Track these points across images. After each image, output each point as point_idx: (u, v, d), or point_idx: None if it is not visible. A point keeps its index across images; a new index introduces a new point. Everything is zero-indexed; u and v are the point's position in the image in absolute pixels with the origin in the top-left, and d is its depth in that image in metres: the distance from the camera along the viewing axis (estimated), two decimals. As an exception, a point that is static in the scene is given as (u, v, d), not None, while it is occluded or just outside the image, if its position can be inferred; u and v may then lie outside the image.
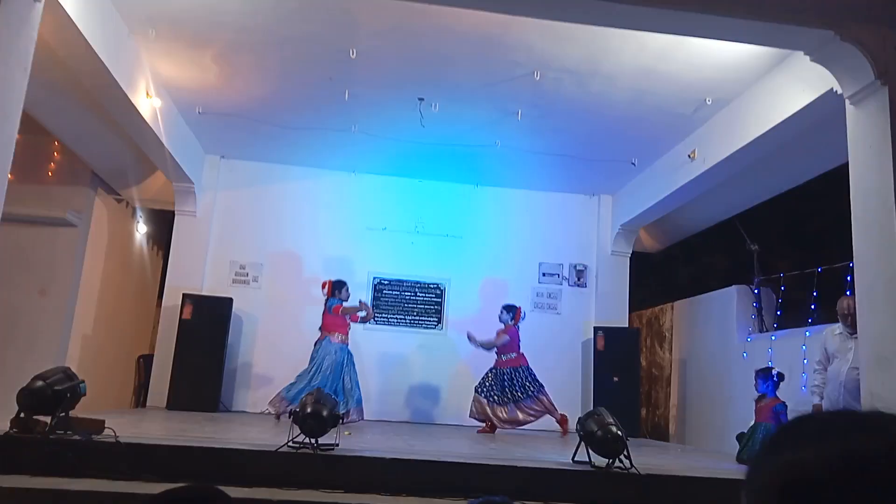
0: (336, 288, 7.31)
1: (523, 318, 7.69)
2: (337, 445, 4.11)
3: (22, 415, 3.81)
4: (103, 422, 4.05)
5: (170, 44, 6.10)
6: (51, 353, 7.68)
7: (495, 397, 7.32)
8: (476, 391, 7.44)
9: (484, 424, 7.41)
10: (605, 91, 6.45)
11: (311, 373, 7.02)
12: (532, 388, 7.31)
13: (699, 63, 5.84)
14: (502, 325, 7.57)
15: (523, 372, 7.41)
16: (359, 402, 7.13)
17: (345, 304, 7.24)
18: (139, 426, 5.44)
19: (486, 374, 7.48)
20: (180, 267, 8.76)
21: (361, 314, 7.36)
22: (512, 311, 7.59)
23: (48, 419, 3.86)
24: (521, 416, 7.33)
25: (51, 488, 3.21)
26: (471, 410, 7.43)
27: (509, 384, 7.32)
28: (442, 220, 9.31)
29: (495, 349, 7.48)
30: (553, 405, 7.43)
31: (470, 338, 7.40)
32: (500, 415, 7.28)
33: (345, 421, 6.44)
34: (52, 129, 7.34)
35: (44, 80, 5.60)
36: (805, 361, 6.20)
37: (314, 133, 7.85)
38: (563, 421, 7.43)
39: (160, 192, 9.24)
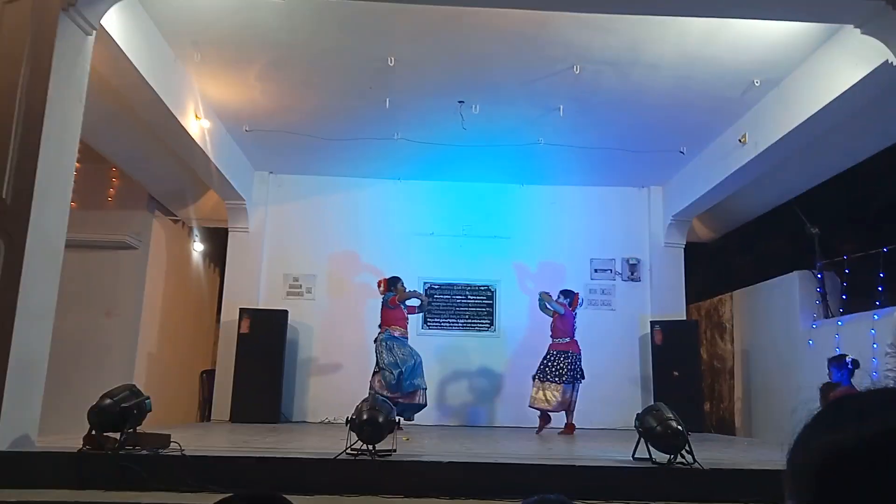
0: (391, 284, 7.42)
1: (581, 305, 7.59)
2: (394, 451, 4.13)
3: (93, 432, 3.95)
4: (169, 436, 4.15)
5: (215, 65, 6.28)
6: (118, 372, 7.93)
7: (543, 376, 7.18)
8: (532, 379, 7.34)
9: (539, 422, 7.30)
10: (647, 80, 6.35)
11: (406, 356, 7.10)
12: (568, 376, 7.13)
13: (744, 44, 5.70)
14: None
15: (571, 357, 7.28)
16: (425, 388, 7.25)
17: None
18: (204, 439, 5.56)
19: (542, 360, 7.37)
20: (236, 282, 8.97)
21: (416, 302, 7.46)
22: (570, 296, 7.50)
23: (117, 435, 3.99)
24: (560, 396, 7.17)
25: (122, 502, 3.32)
26: (530, 399, 7.31)
27: (554, 363, 7.18)
28: (489, 222, 9.31)
29: (551, 332, 7.39)
30: (573, 407, 7.24)
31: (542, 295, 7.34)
32: (552, 395, 7.09)
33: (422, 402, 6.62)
34: (108, 155, 7.62)
35: (99, 108, 5.82)
36: (875, 346, 5.96)
37: (358, 143, 7.95)
38: (570, 428, 7.23)
39: (214, 211, 9.48)
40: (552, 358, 7.21)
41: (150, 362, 8.74)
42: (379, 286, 7.54)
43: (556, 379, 7.10)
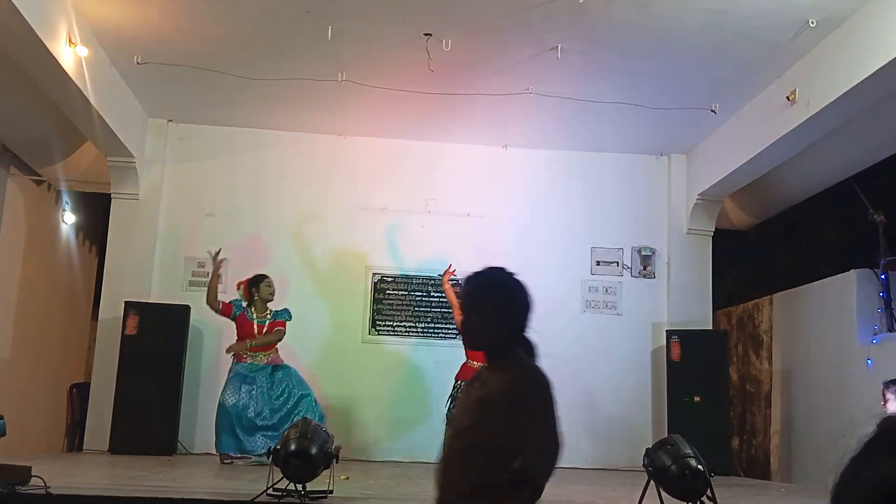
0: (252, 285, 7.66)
1: None
2: (330, 492, 4.15)
3: (-77, 462, 3.89)
4: (30, 469, 4.12)
5: (96, -27, 6.15)
6: (-43, 383, 7.80)
7: None
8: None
9: None
10: (672, 14, 6.40)
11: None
12: None
13: (798, -27, 5.79)
14: None
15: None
16: None
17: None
18: (74, 474, 5.52)
19: (452, 398, 7.43)
20: (121, 267, 8.85)
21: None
22: None
23: (-43, 467, 3.93)
24: None
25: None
26: None
27: None
28: (460, 195, 9.33)
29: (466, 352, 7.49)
30: None
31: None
32: None
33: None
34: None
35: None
36: (951, 368, 6.13)
37: (288, 85, 7.87)
38: None
39: (91, 171, 9.32)
40: None
41: (2, 372, 8.59)
42: (238, 288, 7.74)
43: None
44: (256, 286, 7.61)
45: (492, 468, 2.11)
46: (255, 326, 7.52)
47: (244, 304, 7.61)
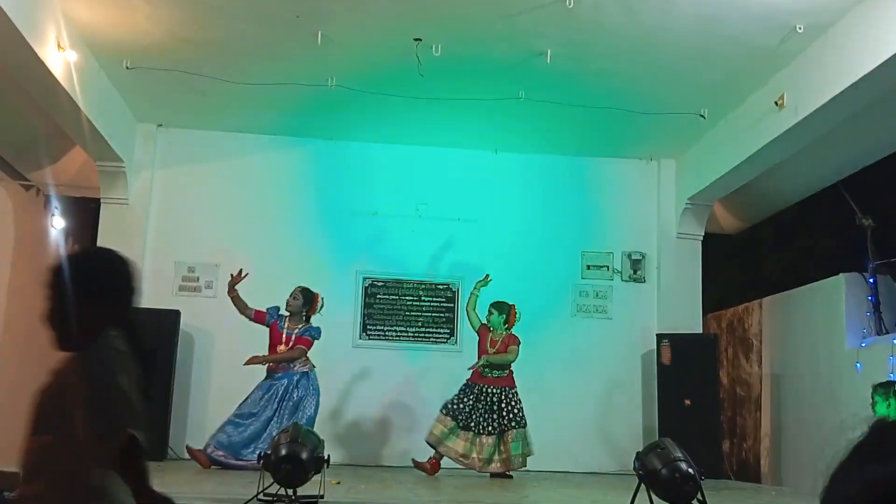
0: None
1: (519, 320, 7.71)
2: (321, 497, 4.15)
3: None
4: (18, 475, 4.10)
5: (85, -22, 6.15)
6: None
7: (473, 423, 7.31)
8: (445, 412, 7.42)
9: (429, 457, 7.36)
10: (661, 20, 6.44)
11: None
12: (518, 421, 7.30)
13: (785, -22, 5.83)
14: (496, 330, 7.60)
15: (514, 396, 7.43)
16: None
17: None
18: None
19: (462, 391, 7.49)
20: (110, 272, 8.80)
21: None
22: (505, 311, 7.61)
23: (-56, 473, 3.91)
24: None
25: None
26: (431, 434, 7.38)
27: (498, 408, 7.32)
28: (452, 200, 9.35)
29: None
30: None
31: None
32: (481, 454, 7.24)
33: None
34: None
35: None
36: (939, 371, 6.16)
37: (278, 89, 7.86)
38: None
39: (80, 175, 9.29)
40: (492, 399, 7.49)
41: (-10, 378, 8.56)
42: (316, 302, 7.64)
43: (500, 429, 7.41)
44: (311, 301, 7.58)
45: (61, 461, 2.04)
46: (284, 337, 7.45)
47: (281, 312, 7.55)
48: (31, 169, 9.15)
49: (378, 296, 9.22)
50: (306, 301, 7.58)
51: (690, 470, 4.03)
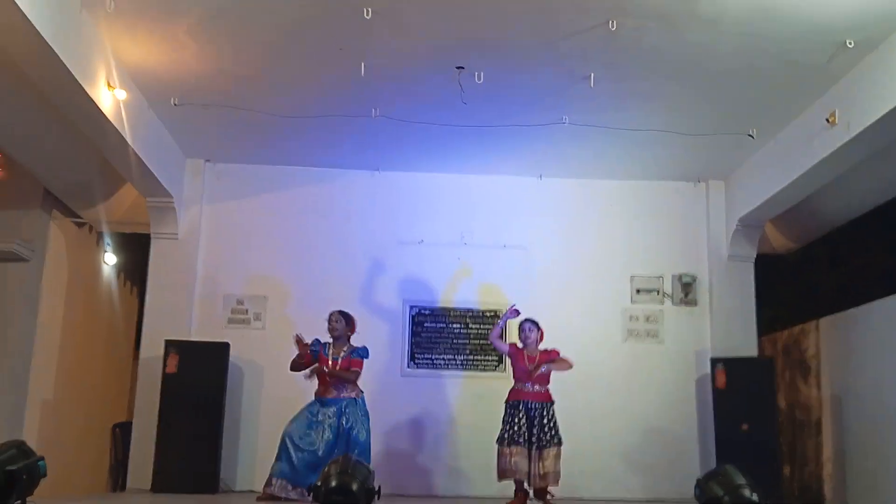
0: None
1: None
2: (372, 530, 4.11)
3: (-32, 504, 3.91)
4: (70, 510, 4.12)
5: (133, 17, 6.25)
6: (2, 425, 7.87)
7: (522, 440, 7.16)
8: (499, 443, 7.27)
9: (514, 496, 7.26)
10: (705, 40, 6.37)
11: None
12: (555, 436, 7.18)
13: (833, -7, 5.74)
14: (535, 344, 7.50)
15: (552, 411, 7.32)
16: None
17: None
18: (117, 514, 5.52)
19: (507, 415, 7.35)
20: (161, 306, 8.92)
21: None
22: (538, 327, 7.54)
23: (1, 508, 3.95)
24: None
25: None
26: (502, 471, 7.23)
27: (539, 423, 7.20)
28: (496, 227, 9.33)
29: (521, 376, 7.40)
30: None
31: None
32: (535, 469, 7.10)
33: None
34: (-11, 137, 7.55)
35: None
36: None
37: (323, 122, 7.93)
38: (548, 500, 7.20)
39: (131, 212, 9.45)
40: (534, 414, 7.30)
41: (45, 412, 8.68)
42: (355, 322, 7.63)
43: (539, 444, 7.18)
44: (351, 322, 7.62)
45: None
46: (330, 362, 7.40)
47: (324, 341, 7.55)
48: (84, 207, 9.32)
49: (425, 324, 9.21)
50: (347, 322, 7.58)
51: (754, 496, 3.92)
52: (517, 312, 7.50)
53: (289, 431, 7.23)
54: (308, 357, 7.39)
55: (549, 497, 7.08)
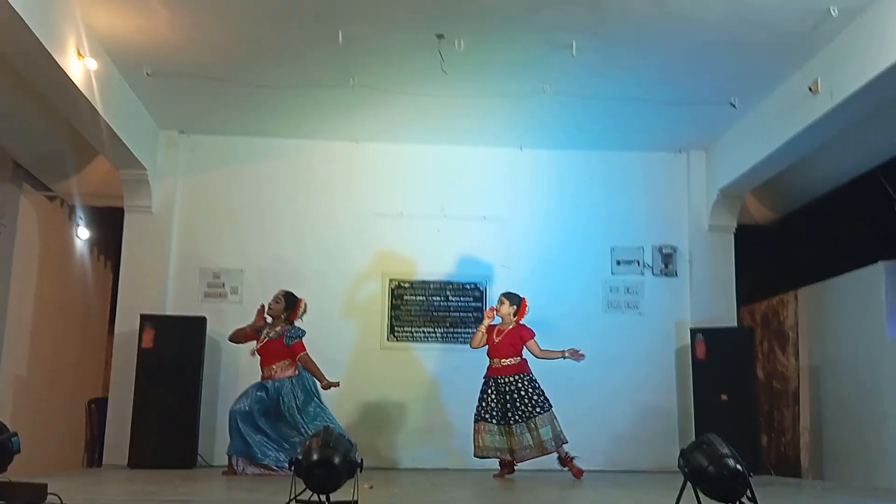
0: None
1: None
2: (355, 503, 4.09)
3: (-61, 482, 3.86)
4: (45, 486, 4.11)
5: (104, -16, 6.14)
6: (-25, 401, 7.81)
7: (499, 416, 7.28)
8: (474, 420, 7.41)
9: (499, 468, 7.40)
10: (689, 8, 6.33)
11: None
12: (535, 406, 7.24)
13: (817, -41, 5.71)
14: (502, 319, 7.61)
15: (529, 381, 7.36)
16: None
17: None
18: (94, 490, 5.52)
19: (481, 392, 7.48)
20: (135, 280, 8.84)
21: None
22: (517, 301, 7.57)
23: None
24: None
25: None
26: (475, 448, 7.37)
27: (519, 396, 7.26)
28: (477, 198, 9.31)
29: (489, 352, 7.56)
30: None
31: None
32: (517, 443, 7.19)
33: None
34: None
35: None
36: None
37: (300, 92, 7.87)
38: (568, 460, 7.30)
39: (104, 185, 9.32)
40: (508, 388, 7.42)
41: (19, 388, 8.64)
42: (298, 307, 7.74)
43: (524, 417, 7.31)
44: (293, 306, 7.71)
45: None
46: (261, 338, 7.64)
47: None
48: (55, 180, 9.24)
49: (405, 297, 9.20)
50: (288, 305, 7.64)
51: (739, 466, 3.90)
52: (580, 356, 7.50)
53: (233, 410, 7.49)
54: (251, 334, 7.59)
55: (570, 459, 7.19)
